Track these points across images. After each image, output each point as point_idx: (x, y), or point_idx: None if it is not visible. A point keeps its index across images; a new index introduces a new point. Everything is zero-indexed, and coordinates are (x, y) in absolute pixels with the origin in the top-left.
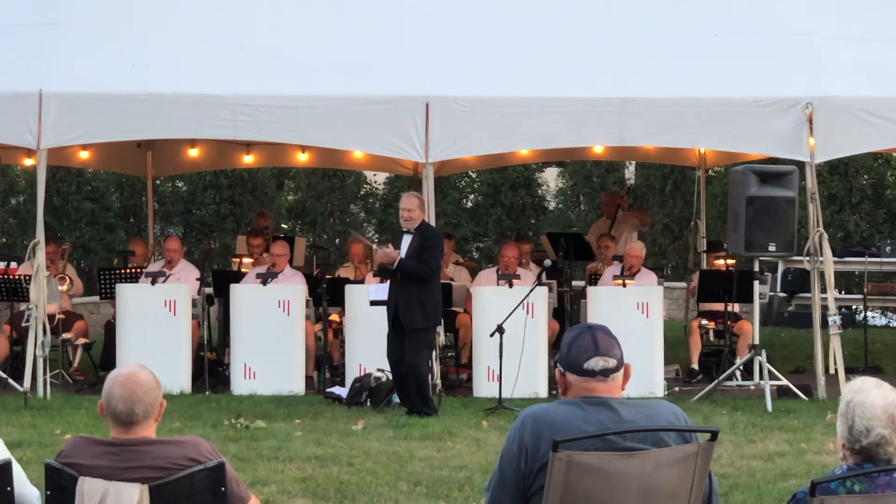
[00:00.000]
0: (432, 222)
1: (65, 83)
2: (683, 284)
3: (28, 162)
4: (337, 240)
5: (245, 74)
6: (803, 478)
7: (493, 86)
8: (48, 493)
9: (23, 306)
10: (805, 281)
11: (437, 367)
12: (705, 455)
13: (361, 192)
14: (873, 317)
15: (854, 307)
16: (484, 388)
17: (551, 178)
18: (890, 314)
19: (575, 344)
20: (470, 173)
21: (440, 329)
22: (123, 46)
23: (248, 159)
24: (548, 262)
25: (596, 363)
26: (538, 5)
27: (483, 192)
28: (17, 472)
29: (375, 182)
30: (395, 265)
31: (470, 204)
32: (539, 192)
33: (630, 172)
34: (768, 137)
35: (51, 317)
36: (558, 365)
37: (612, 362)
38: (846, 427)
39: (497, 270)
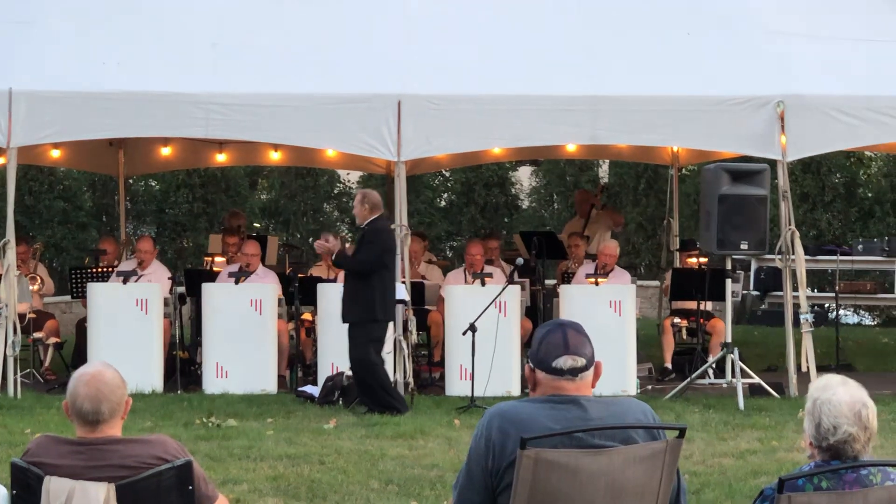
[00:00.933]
0: (404, 220)
1: (35, 81)
2: (657, 283)
3: None
4: (310, 238)
5: (217, 73)
6: (774, 475)
7: (466, 84)
8: (14, 492)
9: None
10: (777, 279)
11: (409, 366)
12: (673, 452)
13: (335, 192)
14: (845, 315)
15: (826, 305)
16: (456, 386)
17: (525, 177)
18: (862, 312)
19: (545, 341)
20: (443, 172)
21: (412, 328)
22: (95, 44)
23: (221, 158)
24: (520, 261)
25: (565, 362)
26: (511, 4)
27: (456, 190)
28: None
29: (349, 181)
30: (333, 258)
31: (443, 203)
32: (513, 190)
33: (603, 171)
34: (740, 136)
35: (21, 316)
36: (528, 361)
37: (581, 361)
38: (813, 425)
39: (464, 269)
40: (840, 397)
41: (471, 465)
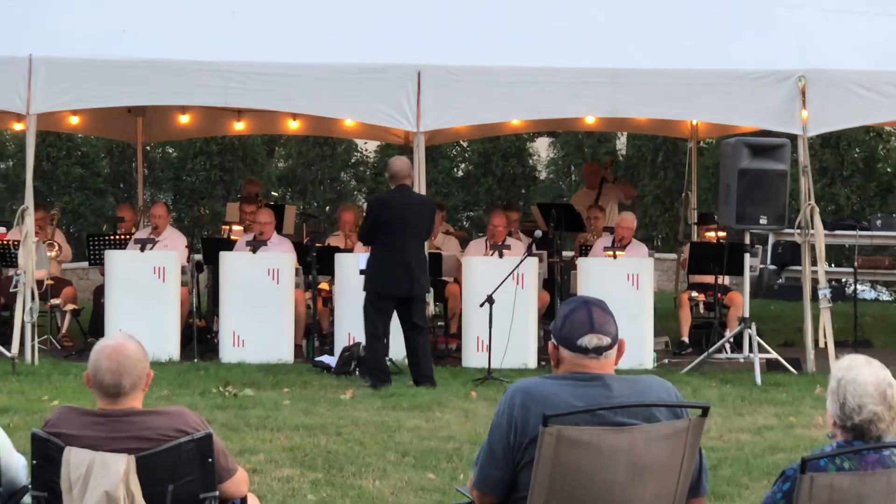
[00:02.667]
0: (422, 191)
1: (55, 48)
2: (673, 256)
3: (17, 126)
4: (327, 207)
5: (237, 41)
6: (792, 451)
7: (486, 55)
8: (34, 462)
9: (11, 272)
10: (795, 254)
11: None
12: (696, 431)
13: (352, 161)
14: (863, 290)
15: (844, 280)
16: (473, 358)
17: (542, 148)
18: (880, 288)
19: (570, 318)
20: (461, 142)
21: (429, 298)
22: (115, 12)
23: (239, 126)
24: (538, 233)
25: (590, 340)
26: None
27: (474, 161)
28: (3, 440)
29: (366, 150)
30: None
31: (461, 173)
32: (530, 161)
33: (621, 143)
34: (761, 110)
35: (39, 283)
36: (552, 337)
37: (605, 340)
38: (838, 405)
39: (486, 240)
40: (865, 377)
41: (492, 440)
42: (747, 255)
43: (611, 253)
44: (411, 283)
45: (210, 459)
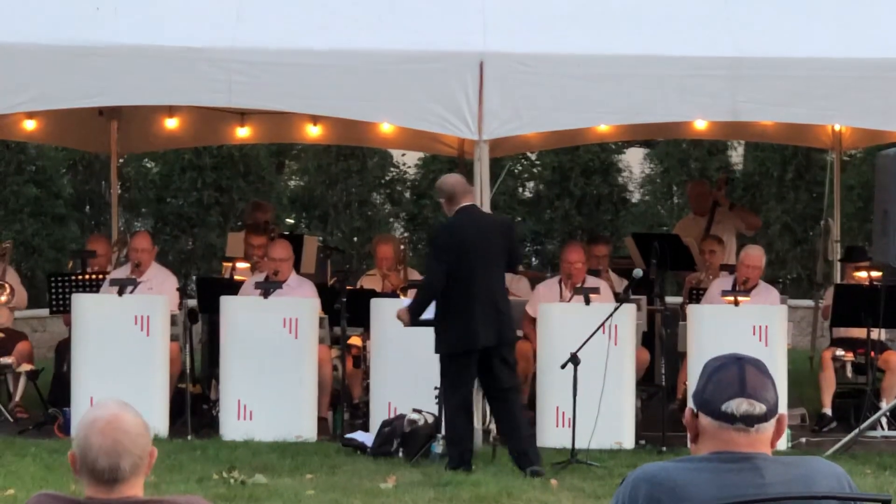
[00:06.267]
0: None
1: (7, 32)
2: (809, 303)
3: None
4: (355, 238)
5: (243, 23)
6: None
7: (568, 41)
8: None
9: None
10: None
11: (483, 406)
12: None
13: (387, 178)
14: None
15: None
16: (551, 435)
17: (635, 162)
18: None
19: (715, 378)
20: (528, 154)
21: None
22: None
23: (243, 133)
24: (638, 273)
25: (738, 405)
26: None
27: (546, 178)
28: None
29: (404, 164)
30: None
31: (528, 193)
32: (619, 179)
33: (738, 155)
34: None
35: None
36: (691, 402)
37: (759, 408)
38: None
39: (559, 281)
40: None
41: None
42: None
43: (731, 298)
44: (500, 328)
45: None
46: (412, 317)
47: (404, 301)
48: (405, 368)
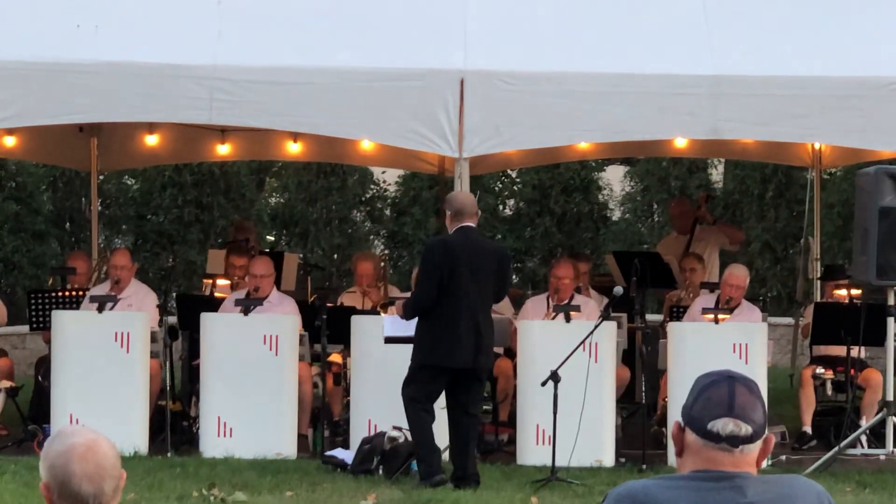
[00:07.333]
0: None
1: None
2: (789, 321)
3: None
4: (335, 256)
5: (224, 40)
6: None
7: (549, 58)
8: None
9: None
10: None
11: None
12: None
13: (367, 195)
14: None
15: None
16: (531, 453)
17: (616, 180)
18: None
19: (705, 395)
20: (509, 172)
21: None
22: (67, 4)
23: (224, 150)
24: (619, 290)
25: (724, 426)
26: None
27: (527, 196)
28: None
29: (384, 181)
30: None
31: (509, 211)
32: (600, 197)
33: (718, 174)
34: None
35: None
36: (678, 416)
37: (746, 429)
38: None
39: (547, 297)
40: None
41: None
42: (891, 321)
43: (712, 316)
44: (476, 354)
45: None
46: (405, 313)
47: (385, 318)
48: (386, 386)
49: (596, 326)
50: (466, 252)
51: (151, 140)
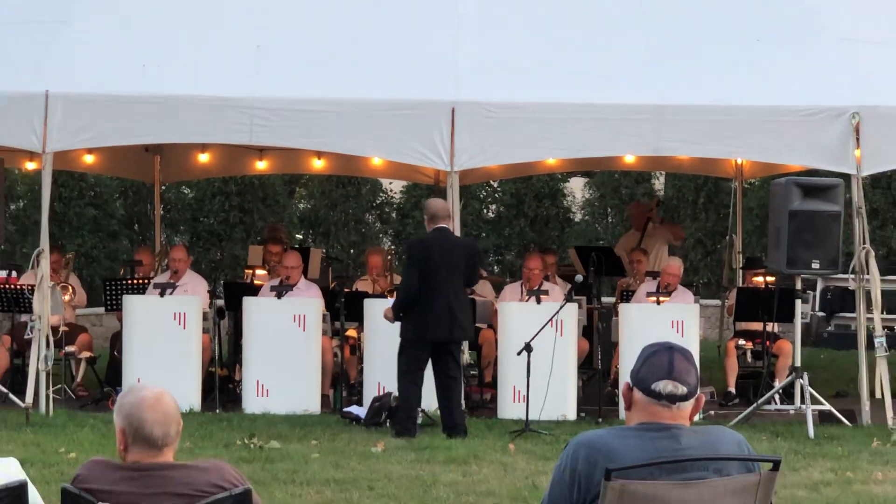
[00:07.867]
0: (457, 233)
1: (72, 84)
2: (716, 302)
3: (30, 166)
4: (352, 250)
5: (262, 76)
6: None
7: (524, 91)
8: None
9: (24, 317)
10: (845, 300)
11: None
12: (766, 486)
13: (377, 201)
14: None
15: None
16: (509, 409)
17: (577, 189)
18: None
19: (649, 361)
20: (491, 182)
21: (464, 345)
22: (135, 46)
23: (261, 165)
24: (579, 278)
25: (664, 386)
26: (570, 7)
27: (506, 202)
28: (34, 495)
29: (391, 190)
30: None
31: (491, 214)
32: (564, 203)
33: (660, 183)
34: (812, 148)
35: (54, 329)
36: (628, 377)
37: (682, 389)
38: None
39: (521, 284)
40: None
41: (554, 497)
42: (798, 302)
43: (654, 299)
44: (451, 328)
45: None
46: (395, 315)
47: (390, 301)
48: (392, 355)
49: (561, 307)
50: (441, 248)
51: (203, 157)
